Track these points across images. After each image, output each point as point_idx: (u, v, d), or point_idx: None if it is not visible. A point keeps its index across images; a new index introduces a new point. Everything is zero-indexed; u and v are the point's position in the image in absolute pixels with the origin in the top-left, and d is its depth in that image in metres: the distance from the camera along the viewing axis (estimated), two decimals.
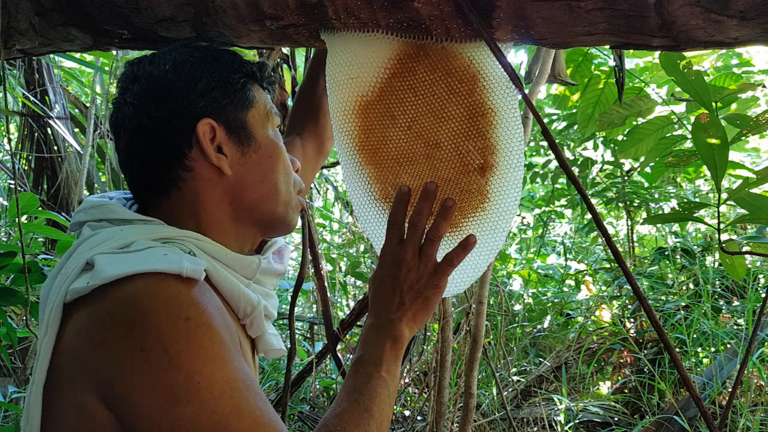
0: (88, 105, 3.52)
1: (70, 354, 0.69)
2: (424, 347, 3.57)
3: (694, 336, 3.21)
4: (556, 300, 4.57)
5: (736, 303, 3.52)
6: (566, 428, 3.10)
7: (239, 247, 0.86)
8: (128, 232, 0.76)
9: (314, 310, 4.34)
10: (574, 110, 3.01)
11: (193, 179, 0.82)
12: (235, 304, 0.79)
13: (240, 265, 0.82)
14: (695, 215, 1.42)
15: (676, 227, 4.13)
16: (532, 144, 4.22)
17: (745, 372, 2.87)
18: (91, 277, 0.68)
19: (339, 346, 2.93)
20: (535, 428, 3.19)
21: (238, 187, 0.84)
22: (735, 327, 3.32)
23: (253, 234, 0.88)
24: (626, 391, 3.47)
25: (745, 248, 1.47)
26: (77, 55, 2.62)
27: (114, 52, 3.03)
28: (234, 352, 0.69)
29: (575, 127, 3.29)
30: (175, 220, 0.81)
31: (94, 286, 0.67)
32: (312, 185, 2.38)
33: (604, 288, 4.30)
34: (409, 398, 3.64)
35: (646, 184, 3.83)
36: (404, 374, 3.22)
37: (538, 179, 4.16)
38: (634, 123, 1.95)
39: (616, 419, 3.19)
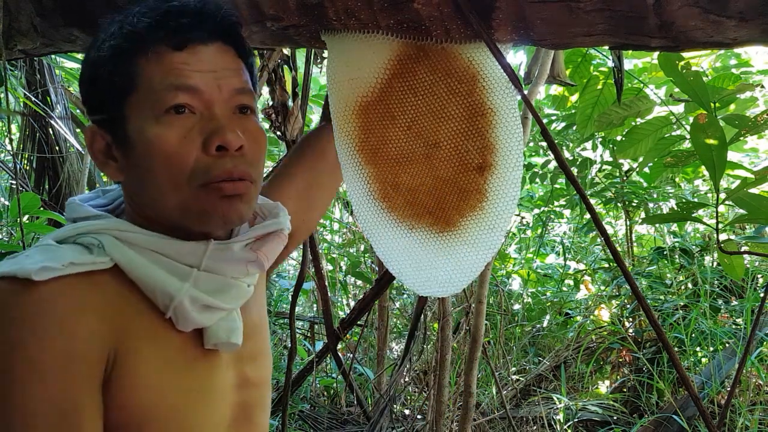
0: None
1: None
2: (424, 346, 3.58)
3: (693, 335, 3.22)
4: (555, 299, 4.58)
5: (734, 302, 3.53)
6: (565, 427, 3.10)
7: (195, 236, 0.76)
8: (57, 232, 0.73)
9: (315, 309, 4.35)
10: (573, 111, 3.02)
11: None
12: (151, 296, 0.71)
13: (179, 252, 0.73)
14: (694, 215, 1.43)
15: (674, 227, 4.14)
16: (531, 144, 4.23)
17: (744, 371, 2.88)
18: None
19: (339, 345, 2.94)
20: (535, 427, 3.20)
21: (133, 190, 0.77)
22: (733, 326, 3.33)
23: (183, 230, 0.76)
24: (625, 390, 3.47)
25: (744, 248, 1.47)
26: (79, 56, 2.62)
27: None
28: (55, 375, 0.62)
29: (574, 128, 3.30)
30: (131, 209, 0.78)
31: None
32: None
33: (602, 287, 4.31)
34: (409, 397, 3.65)
35: (645, 185, 3.84)
36: (404, 373, 3.23)
37: (538, 179, 4.16)
38: (633, 123, 1.96)
39: (615, 418, 3.20)
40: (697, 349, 3.28)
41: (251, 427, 0.84)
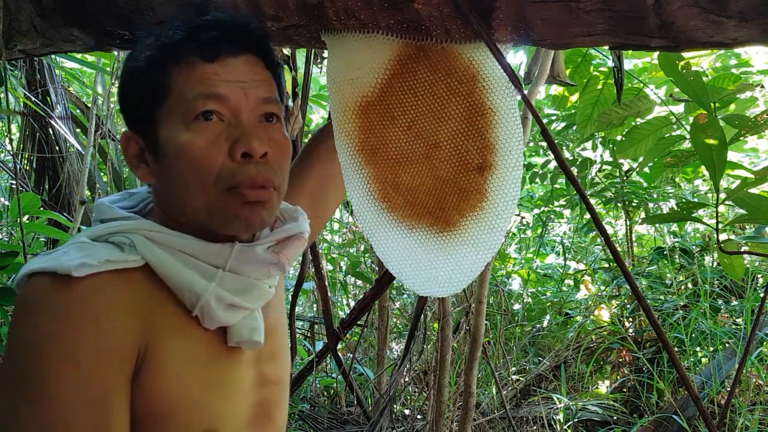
0: (89, 105, 3.52)
1: None
2: (424, 346, 3.58)
3: (693, 335, 3.21)
4: (555, 299, 4.58)
5: (734, 302, 3.53)
6: (565, 427, 3.10)
7: (220, 239, 0.80)
8: (90, 230, 0.78)
9: (315, 309, 4.35)
10: (573, 111, 3.02)
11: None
12: (179, 294, 0.75)
13: (205, 253, 0.77)
14: (694, 215, 1.43)
15: (674, 227, 4.14)
16: (531, 144, 4.23)
17: (744, 371, 2.88)
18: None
19: (339, 345, 2.94)
20: (535, 427, 3.20)
21: (163, 193, 0.81)
22: (734, 326, 3.33)
23: (208, 232, 0.80)
24: (625, 390, 3.47)
25: (744, 248, 1.47)
26: (78, 56, 2.62)
27: (115, 53, 3.04)
28: (89, 365, 0.66)
29: (574, 128, 3.30)
30: (160, 210, 0.83)
31: (15, 284, 0.73)
32: None
33: (602, 287, 4.31)
34: (409, 397, 3.65)
35: (645, 184, 3.84)
36: (404, 373, 3.23)
37: (538, 179, 4.16)
38: (633, 123, 1.96)
39: (615, 418, 3.20)
40: (697, 349, 3.28)
41: (270, 425, 0.87)
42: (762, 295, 1.63)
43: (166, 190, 0.80)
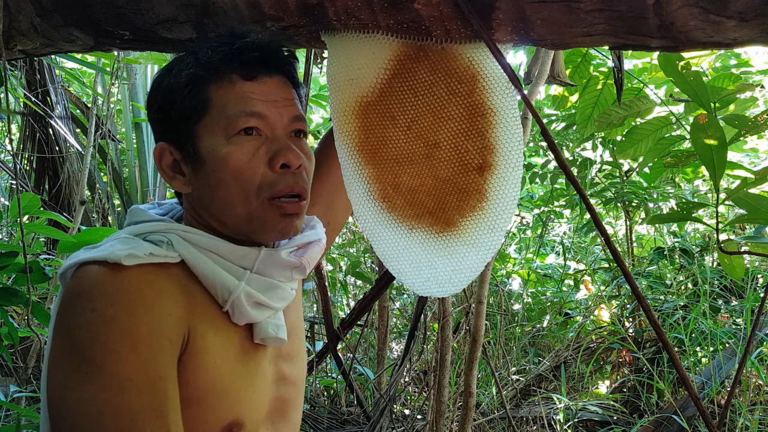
0: (89, 105, 3.53)
1: None
2: (424, 346, 3.58)
3: (693, 335, 3.22)
4: (555, 299, 4.58)
5: (734, 303, 3.52)
6: (565, 427, 3.10)
7: (247, 243, 0.86)
8: (129, 229, 0.83)
9: (315, 309, 4.35)
10: (573, 111, 3.02)
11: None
12: (212, 290, 0.81)
13: (234, 255, 0.84)
14: (694, 215, 1.43)
15: (674, 227, 4.14)
16: (531, 144, 4.23)
17: (744, 371, 2.88)
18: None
19: (339, 345, 2.94)
20: (535, 427, 3.20)
21: (200, 202, 0.87)
22: (734, 326, 3.33)
23: (244, 237, 0.87)
24: (625, 390, 3.47)
25: (744, 248, 1.47)
26: (78, 56, 2.62)
27: (115, 53, 3.04)
28: (145, 347, 0.70)
29: (574, 128, 3.30)
30: (192, 218, 0.89)
31: (60, 273, 0.78)
32: None
33: (602, 288, 4.31)
34: (409, 397, 3.65)
35: (645, 185, 3.84)
36: (404, 373, 3.22)
37: (538, 179, 4.16)
38: (633, 123, 1.95)
39: (614, 418, 3.20)
40: (697, 349, 3.28)
41: (285, 423, 0.92)
42: (762, 295, 1.63)
43: (204, 198, 0.85)
